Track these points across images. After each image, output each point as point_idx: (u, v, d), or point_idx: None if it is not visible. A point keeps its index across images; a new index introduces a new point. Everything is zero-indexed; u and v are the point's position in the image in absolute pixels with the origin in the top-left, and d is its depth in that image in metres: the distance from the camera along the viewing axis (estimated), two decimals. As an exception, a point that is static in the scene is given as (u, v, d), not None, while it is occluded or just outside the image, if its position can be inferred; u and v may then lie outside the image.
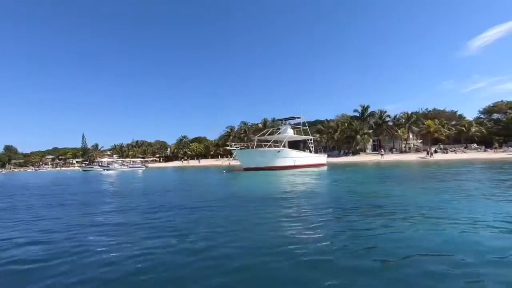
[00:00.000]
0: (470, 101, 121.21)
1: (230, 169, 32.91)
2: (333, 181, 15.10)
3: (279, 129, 31.09)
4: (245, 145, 28.42)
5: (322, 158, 32.19)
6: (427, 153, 34.79)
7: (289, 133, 29.16)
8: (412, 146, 55.80)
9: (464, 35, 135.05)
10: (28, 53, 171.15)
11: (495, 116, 53.98)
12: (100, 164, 57.37)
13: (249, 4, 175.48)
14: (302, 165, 28.22)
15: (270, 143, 27.69)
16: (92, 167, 57.37)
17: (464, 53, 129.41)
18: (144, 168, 58.43)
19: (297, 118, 31.49)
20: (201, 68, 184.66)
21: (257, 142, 28.81)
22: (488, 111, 55.06)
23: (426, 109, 70.30)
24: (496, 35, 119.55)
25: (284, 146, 27.63)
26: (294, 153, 28.26)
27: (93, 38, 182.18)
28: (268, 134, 31.41)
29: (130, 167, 56.62)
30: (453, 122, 56.61)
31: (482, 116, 55.57)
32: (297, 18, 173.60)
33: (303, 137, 31.49)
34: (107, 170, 51.68)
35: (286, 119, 30.98)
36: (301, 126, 31.77)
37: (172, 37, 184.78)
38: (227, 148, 26.65)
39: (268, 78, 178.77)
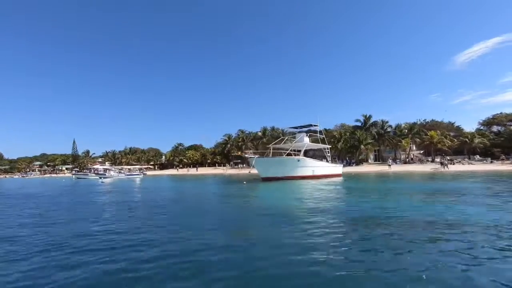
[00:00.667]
0: (457, 114, 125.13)
1: (227, 179, 31.61)
2: (380, 197, 13.57)
3: (294, 137, 30.05)
4: (263, 153, 27.39)
5: (338, 168, 31.26)
6: (441, 164, 34.44)
7: (304, 141, 28.14)
8: (414, 156, 55.90)
9: (449, 51, 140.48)
10: (17, 56, 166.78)
11: (495, 128, 54.80)
12: (96, 172, 54.82)
13: (248, 19, 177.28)
14: (320, 175, 27.21)
15: (288, 151, 26.66)
16: (87, 175, 54.80)
17: (450, 67, 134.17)
18: (142, 176, 56.24)
19: (314, 126, 30.58)
20: (196, 79, 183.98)
21: (271, 150, 27.74)
22: (488, 123, 55.91)
23: (424, 120, 71.17)
24: (479, 51, 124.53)
25: (301, 155, 26.67)
26: (313, 162, 27.27)
27: (84, 45, 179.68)
28: (284, 143, 30.29)
29: (127, 175, 54.37)
30: (452, 134, 57.20)
31: (481, 128, 56.33)
32: (291, 35, 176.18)
33: (320, 145, 30.51)
34: (104, 178, 49.40)
35: (301, 126, 29.88)
36: (318, 135, 30.82)
37: (169, 47, 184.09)
38: (245, 156, 25.37)
39: (264, 90, 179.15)
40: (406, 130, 53.68)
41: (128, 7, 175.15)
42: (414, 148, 58.86)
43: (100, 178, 49.50)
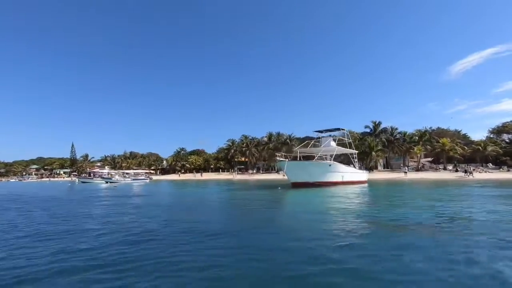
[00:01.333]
0: (454, 122, 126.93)
1: (243, 184, 30.30)
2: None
3: (318, 141, 29.06)
4: (293, 157, 26.36)
5: (364, 175, 30.36)
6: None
7: (333, 145, 27.17)
8: (423, 164, 55.31)
9: (445, 61, 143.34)
10: (16, 58, 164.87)
11: (505, 136, 54.70)
12: (101, 176, 53.23)
13: (250, 26, 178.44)
14: (349, 182, 26.26)
15: (318, 155, 25.67)
16: (92, 179, 53.16)
17: (446, 77, 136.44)
18: (148, 181, 54.79)
19: (341, 129, 29.73)
20: (195, 84, 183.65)
21: (299, 155, 26.69)
22: (498, 131, 55.87)
23: (430, 127, 71.04)
24: (474, 62, 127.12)
25: (331, 160, 25.72)
26: (343, 167, 26.32)
27: (83, 48, 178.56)
28: (310, 147, 29.27)
29: (133, 180, 52.86)
30: (461, 142, 56.85)
31: (492, 136, 56.20)
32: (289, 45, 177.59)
33: (349, 150, 29.63)
34: (110, 182, 47.88)
35: (328, 130, 28.84)
36: (345, 139, 29.93)
37: (169, 52, 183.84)
38: (277, 159, 24.24)
39: (262, 97, 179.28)
40: (417, 137, 53.18)
41: (129, 11, 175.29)
42: (422, 156, 58.43)
43: (107, 182, 47.98)
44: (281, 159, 23.02)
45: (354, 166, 29.82)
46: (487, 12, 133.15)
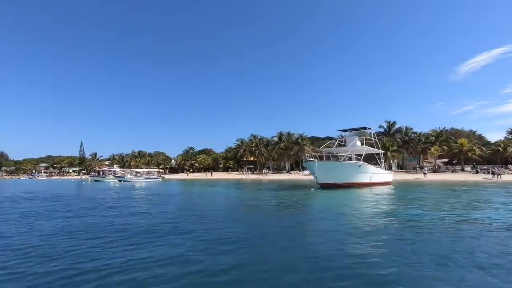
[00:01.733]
0: (460, 123, 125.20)
1: (262, 184, 29.76)
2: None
3: (341, 141, 28.49)
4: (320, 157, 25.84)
5: (390, 176, 29.83)
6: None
7: (358, 145, 26.62)
8: (440, 165, 54.34)
9: (453, 61, 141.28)
10: (24, 54, 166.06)
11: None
12: (114, 175, 53.23)
13: (260, 22, 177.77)
14: (376, 183, 25.68)
15: (347, 154, 25.25)
16: (104, 178, 53.21)
17: (453, 77, 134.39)
18: (160, 179, 54.62)
19: (368, 129, 29.16)
20: (194, 80, 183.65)
21: (322, 155, 26.17)
22: (517, 131, 54.85)
23: (444, 127, 69.91)
24: (483, 62, 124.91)
25: (360, 160, 25.17)
26: (371, 168, 25.74)
27: (90, 44, 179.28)
28: (335, 147, 28.81)
29: (146, 179, 52.70)
30: (479, 143, 55.67)
31: (509, 136, 55.03)
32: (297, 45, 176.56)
33: (377, 150, 29.07)
34: (124, 181, 47.75)
35: (353, 129, 28.39)
36: (373, 138, 29.40)
37: (166, 48, 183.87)
38: (305, 159, 23.65)
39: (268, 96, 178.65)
40: (434, 137, 52.22)
41: (137, 5, 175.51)
42: (437, 156, 57.34)
43: (120, 181, 47.86)
44: (311, 159, 22.41)
45: (380, 167, 29.23)
46: (496, 11, 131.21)
